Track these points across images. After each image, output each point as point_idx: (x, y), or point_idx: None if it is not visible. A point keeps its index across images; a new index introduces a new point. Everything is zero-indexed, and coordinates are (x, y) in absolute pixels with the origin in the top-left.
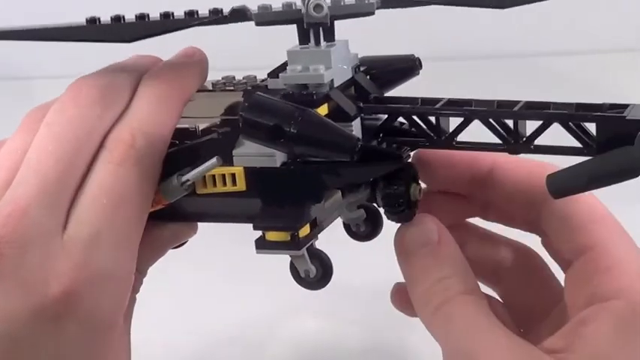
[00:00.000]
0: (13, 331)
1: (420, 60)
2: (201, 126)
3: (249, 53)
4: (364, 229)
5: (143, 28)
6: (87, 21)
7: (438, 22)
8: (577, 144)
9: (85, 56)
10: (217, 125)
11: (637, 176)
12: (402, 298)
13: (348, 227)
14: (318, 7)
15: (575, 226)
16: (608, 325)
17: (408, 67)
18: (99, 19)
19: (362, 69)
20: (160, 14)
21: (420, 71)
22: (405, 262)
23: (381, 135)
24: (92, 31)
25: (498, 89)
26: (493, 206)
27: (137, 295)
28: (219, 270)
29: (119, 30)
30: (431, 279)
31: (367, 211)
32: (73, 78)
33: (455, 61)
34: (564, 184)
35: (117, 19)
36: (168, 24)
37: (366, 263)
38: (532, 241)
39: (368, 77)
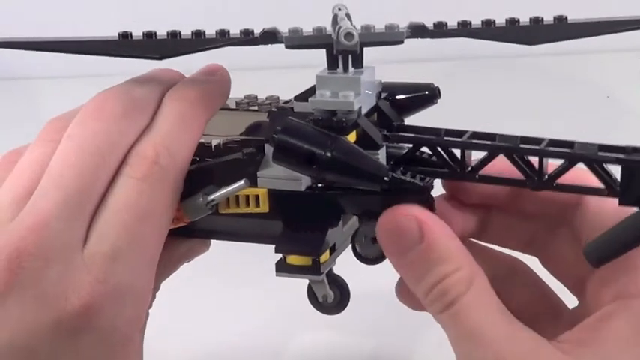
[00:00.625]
0: (31, 344)
1: (439, 89)
2: (214, 142)
3: (252, 51)
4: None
5: (175, 45)
6: (120, 36)
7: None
8: (599, 184)
9: (86, 57)
10: (240, 143)
11: None
12: (406, 291)
13: (355, 249)
14: (349, 35)
15: (607, 226)
16: (629, 322)
17: (428, 95)
18: (131, 34)
19: (383, 95)
20: (192, 32)
21: (422, 71)
22: (397, 265)
23: (403, 164)
24: (125, 46)
25: (498, 89)
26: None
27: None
28: (220, 278)
29: (151, 46)
30: (428, 283)
31: None
32: (74, 78)
33: (455, 61)
34: (601, 254)
35: (149, 35)
36: (200, 43)
37: (370, 269)
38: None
39: (389, 104)
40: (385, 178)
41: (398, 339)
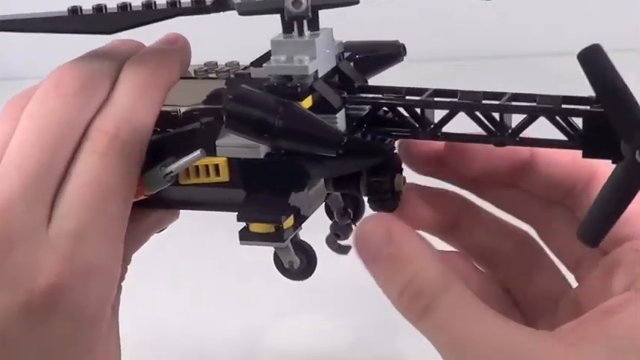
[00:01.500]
0: (1, 326)
1: (404, 46)
2: (183, 109)
3: (232, 43)
4: (347, 217)
5: (125, 18)
6: (69, 11)
7: (439, 22)
8: (563, 137)
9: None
10: (200, 112)
11: None
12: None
13: (330, 214)
14: (296, 2)
15: None
16: (636, 319)
17: (392, 53)
18: (81, 8)
19: (346, 55)
20: (142, 4)
21: (422, 72)
22: (371, 273)
23: (365, 125)
24: (73, 21)
25: (498, 89)
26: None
27: (136, 297)
28: (213, 270)
29: (101, 20)
30: (398, 284)
31: (349, 196)
32: None
33: (455, 61)
34: (593, 232)
35: (99, 8)
36: (150, 14)
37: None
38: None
39: (352, 64)
40: (341, 144)
41: (388, 330)
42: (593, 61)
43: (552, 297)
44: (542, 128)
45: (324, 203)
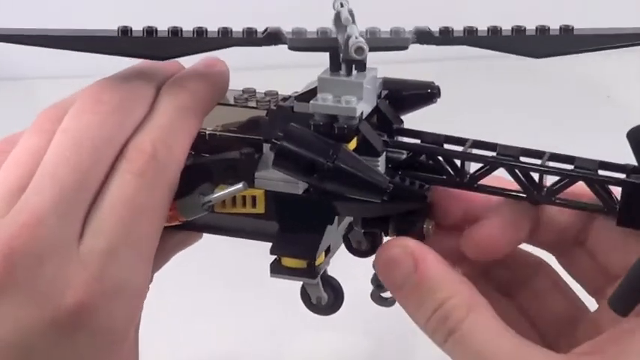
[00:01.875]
0: (26, 342)
1: (439, 88)
2: (208, 130)
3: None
4: (365, 245)
5: (176, 44)
6: (119, 31)
7: (439, 22)
8: (598, 202)
9: (85, 56)
10: (234, 138)
11: None
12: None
13: (348, 243)
14: (359, 50)
15: (629, 234)
16: None
17: (428, 94)
18: (131, 29)
19: (384, 94)
20: (194, 30)
21: (422, 72)
22: (397, 298)
23: (401, 169)
24: (124, 43)
25: (498, 89)
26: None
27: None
28: (218, 281)
29: (151, 45)
30: (427, 311)
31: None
32: (74, 78)
33: (455, 61)
34: (624, 303)
35: (149, 32)
36: (202, 43)
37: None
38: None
39: (388, 102)
40: (386, 190)
41: (397, 341)
42: None
43: (569, 320)
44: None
45: None
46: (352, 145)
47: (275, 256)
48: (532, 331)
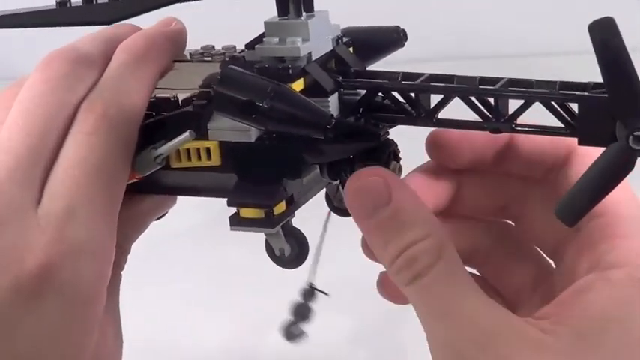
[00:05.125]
0: None
1: (405, 32)
2: (182, 96)
3: (230, 31)
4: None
5: (119, 7)
6: (57, 3)
7: (439, 22)
8: (559, 123)
9: None
10: (195, 97)
11: (632, 168)
12: (388, 286)
13: (330, 202)
14: None
15: None
16: (607, 297)
17: (392, 39)
18: (70, 1)
19: (344, 40)
20: None
21: (422, 71)
22: (363, 229)
23: (360, 110)
24: (64, 14)
25: None
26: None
27: (141, 301)
28: (209, 275)
29: (93, 11)
30: (396, 248)
31: None
32: None
33: (455, 61)
34: (572, 212)
35: (88, 0)
36: (145, 2)
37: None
38: None
39: (351, 49)
40: (328, 126)
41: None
42: (604, 33)
43: (533, 284)
44: (544, 116)
45: (324, 193)
46: (299, 86)
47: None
48: (496, 298)
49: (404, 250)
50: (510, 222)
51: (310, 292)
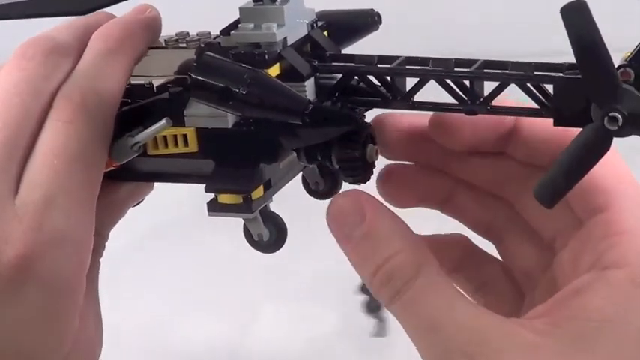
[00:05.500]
0: None
1: (379, 15)
2: (156, 82)
3: (204, 16)
4: (323, 187)
5: None
6: None
7: (439, 22)
8: (535, 105)
9: None
10: (171, 83)
11: (609, 148)
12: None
13: (306, 184)
14: None
15: (593, 184)
16: (606, 298)
17: (367, 22)
18: None
19: (319, 24)
20: None
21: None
22: (344, 250)
23: (336, 94)
24: (40, 5)
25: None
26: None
27: (136, 297)
28: (194, 268)
29: (69, 1)
30: (371, 265)
31: (326, 171)
32: None
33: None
34: (551, 192)
35: None
36: None
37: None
38: None
39: (325, 33)
40: (305, 111)
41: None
42: (576, 16)
43: (542, 268)
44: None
45: (301, 176)
46: (275, 71)
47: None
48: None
49: (380, 266)
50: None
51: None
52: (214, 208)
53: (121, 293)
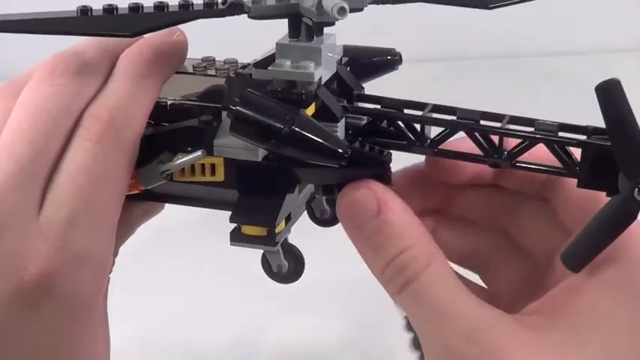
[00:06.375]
0: None
1: (400, 55)
2: (170, 101)
3: (229, 43)
4: (328, 215)
5: (139, 21)
6: (78, 11)
7: (438, 22)
8: (558, 164)
9: None
10: (193, 106)
11: (635, 218)
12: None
13: (311, 213)
14: (341, 10)
15: (585, 194)
16: (599, 294)
17: (389, 61)
18: (91, 9)
19: (344, 60)
20: (154, 5)
21: (422, 72)
22: (354, 240)
23: (361, 135)
24: (82, 22)
25: (498, 89)
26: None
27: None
28: (205, 271)
29: (112, 22)
30: (384, 258)
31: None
32: None
33: (455, 61)
34: (578, 259)
35: (109, 10)
36: (163, 18)
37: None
38: None
39: (349, 69)
40: (344, 155)
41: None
42: (610, 93)
43: (528, 291)
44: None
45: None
46: (311, 110)
47: (235, 225)
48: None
49: (393, 258)
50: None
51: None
52: (237, 238)
53: (129, 295)
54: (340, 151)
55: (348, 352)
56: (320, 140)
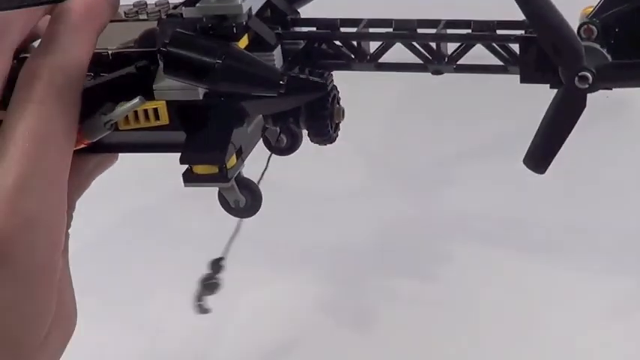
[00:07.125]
0: None
1: None
2: (111, 50)
3: None
4: (285, 143)
5: None
6: None
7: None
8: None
9: None
10: (133, 55)
11: (585, 106)
12: None
13: (267, 141)
14: None
15: None
16: None
17: None
18: None
19: None
20: None
21: (423, 73)
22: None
23: (300, 59)
24: None
25: (497, 89)
26: None
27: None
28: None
29: None
30: None
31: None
32: None
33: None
34: (541, 158)
35: None
36: None
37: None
38: None
39: None
40: (281, 82)
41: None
42: None
43: None
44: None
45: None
46: (244, 43)
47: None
48: None
49: None
50: None
51: (218, 264)
52: (190, 178)
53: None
54: (275, 79)
55: (326, 316)
56: (254, 71)
